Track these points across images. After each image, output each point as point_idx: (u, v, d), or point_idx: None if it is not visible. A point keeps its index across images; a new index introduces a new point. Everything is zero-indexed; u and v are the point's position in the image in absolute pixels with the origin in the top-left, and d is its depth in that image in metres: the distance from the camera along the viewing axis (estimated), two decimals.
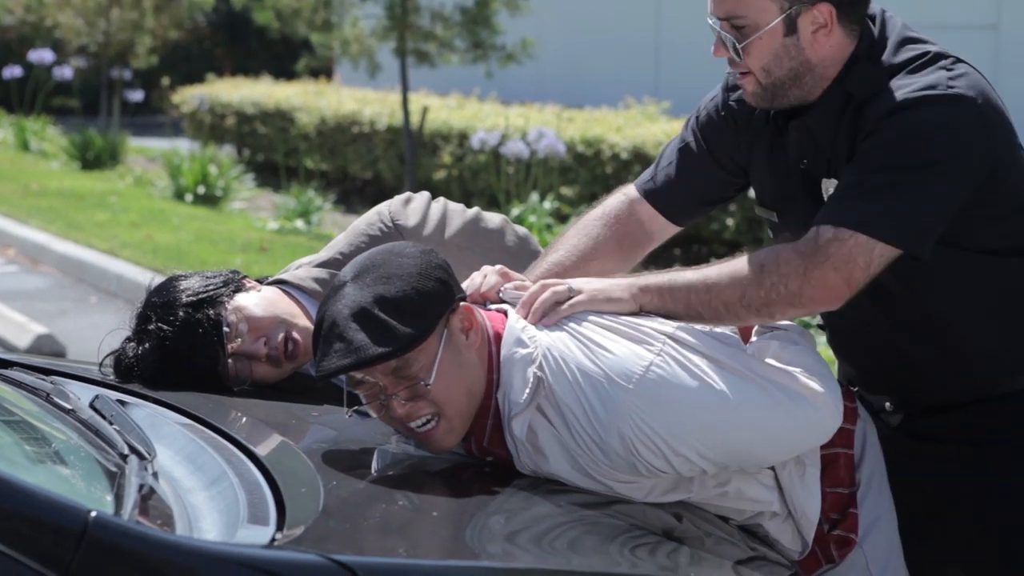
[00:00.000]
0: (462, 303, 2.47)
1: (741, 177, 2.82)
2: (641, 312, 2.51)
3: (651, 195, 2.85)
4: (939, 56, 2.51)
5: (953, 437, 2.70)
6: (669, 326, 2.46)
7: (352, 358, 2.34)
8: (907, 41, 2.55)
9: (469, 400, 2.45)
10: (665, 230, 2.89)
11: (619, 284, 2.52)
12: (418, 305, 2.38)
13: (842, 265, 2.40)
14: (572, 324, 2.46)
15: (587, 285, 2.52)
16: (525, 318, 2.52)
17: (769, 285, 2.43)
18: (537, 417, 2.43)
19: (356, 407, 2.52)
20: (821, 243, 2.42)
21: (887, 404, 2.77)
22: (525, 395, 2.41)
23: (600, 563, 2.22)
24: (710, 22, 2.57)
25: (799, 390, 2.44)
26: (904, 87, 2.46)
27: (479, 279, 2.67)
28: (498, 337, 2.50)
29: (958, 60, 2.51)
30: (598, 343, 2.41)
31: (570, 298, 2.50)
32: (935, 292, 2.62)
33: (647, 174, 2.89)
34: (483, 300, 2.63)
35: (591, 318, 2.46)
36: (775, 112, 2.67)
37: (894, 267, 2.48)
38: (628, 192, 2.88)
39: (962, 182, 2.45)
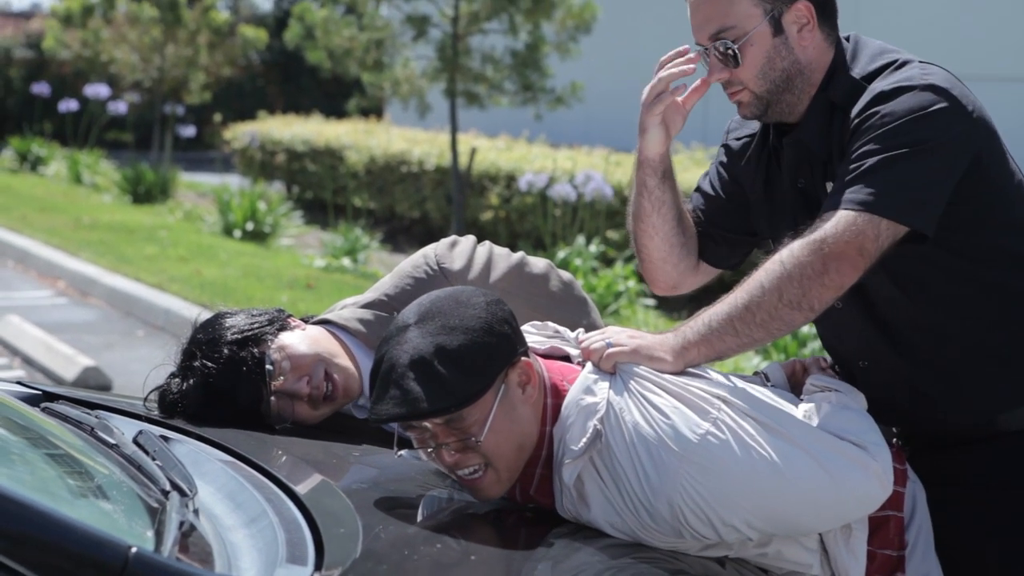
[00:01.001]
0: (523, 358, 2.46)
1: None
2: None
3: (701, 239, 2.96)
4: (910, 60, 2.65)
5: (954, 478, 2.70)
6: (724, 388, 2.46)
7: (405, 409, 2.34)
8: (881, 52, 2.70)
9: (519, 454, 2.44)
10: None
11: (663, 343, 2.52)
12: (479, 361, 2.37)
13: (852, 238, 2.48)
14: (634, 383, 2.45)
15: (630, 340, 2.53)
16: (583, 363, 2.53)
17: (799, 276, 2.48)
18: (588, 468, 2.43)
19: (406, 449, 2.52)
20: (828, 225, 2.51)
21: (894, 440, 2.78)
22: (582, 443, 2.41)
23: None
24: (696, 51, 2.71)
25: (851, 461, 2.42)
26: (882, 84, 2.59)
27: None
28: (555, 388, 2.50)
29: (927, 63, 2.65)
30: (657, 406, 2.41)
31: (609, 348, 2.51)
32: (929, 303, 2.65)
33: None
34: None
35: (652, 378, 2.46)
36: (770, 138, 2.79)
37: (891, 270, 2.56)
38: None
39: (950, 161, 2.54)
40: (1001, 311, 2.67)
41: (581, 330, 2.71)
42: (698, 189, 3.00)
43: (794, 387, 2.73)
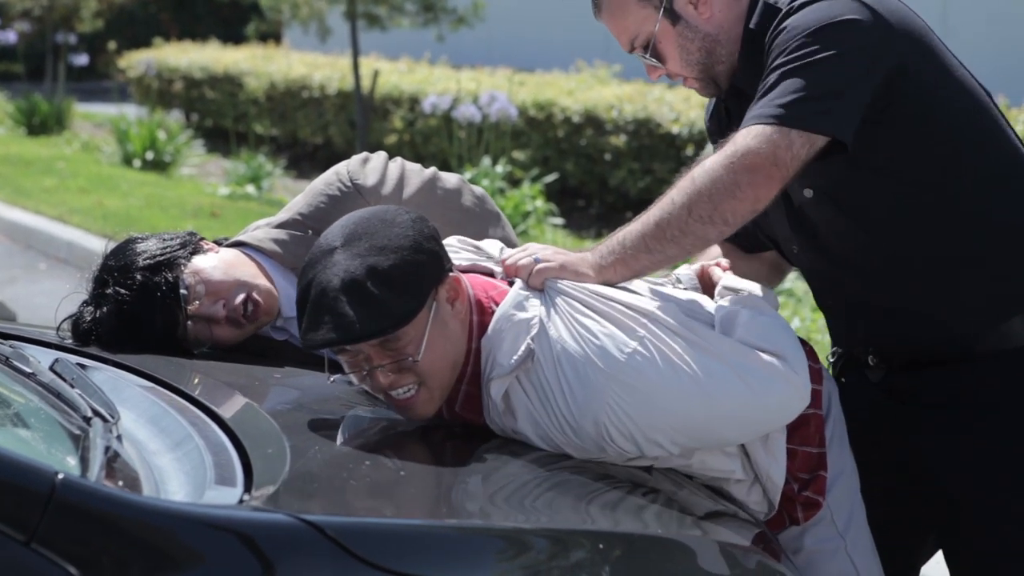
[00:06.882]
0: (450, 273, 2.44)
1: None
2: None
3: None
4: None
5: (929, 398, 2.71)
6: (651, 303, 2.46)
7: (341, 333, 2.31)
8: None
9: (452, 371, 2.43)
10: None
11: (584, 260, 2.51)
12: (411, 280, 2.34)
13: (764, 150, 2.44)
14: (563, 301, 2.44)
15: (556, 256, 2.51)
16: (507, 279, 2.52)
17: (708, 191, 2.45)
18: (515, 384, 2.42)
19: (338, 374, 2.48)
20: (738, 139, 2.48)
21: (870, 358, 2.78)
22: (513, 360, 2.39)
23: (573, 520, 2.23)
24: (639, 58, 2.74)
25: (772, 374, 2.44)
26: (789, 3, 2.59)
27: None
28: (479, 304, 2.48)
29: None
30: (585, 325, 2.40)
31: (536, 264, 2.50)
32: (887, 231, 2.63)
33: None
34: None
35: (581, 296, 2.44)
36: (726, 106, 2.82)
37: (840, 203, 2.55)
38: None
39: (859, 64, 2.49)
40: (961, 230, 2.62)
41: (503, 246, 2.70)
42: None
43: (705, 289, 2.74)
